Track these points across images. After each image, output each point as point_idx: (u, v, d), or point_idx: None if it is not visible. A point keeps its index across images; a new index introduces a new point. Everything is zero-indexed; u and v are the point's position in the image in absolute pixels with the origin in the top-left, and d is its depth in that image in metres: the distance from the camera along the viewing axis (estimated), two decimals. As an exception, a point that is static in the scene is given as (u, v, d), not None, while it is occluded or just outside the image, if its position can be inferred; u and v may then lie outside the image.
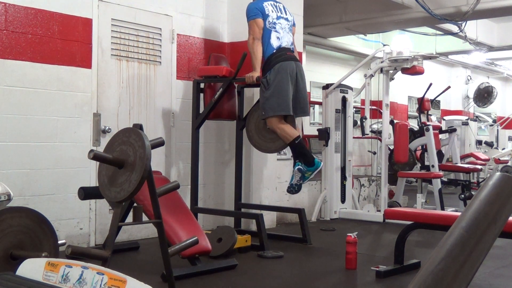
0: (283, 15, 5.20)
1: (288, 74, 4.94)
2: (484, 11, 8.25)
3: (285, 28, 5.15)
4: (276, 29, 5.08)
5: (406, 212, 4.46)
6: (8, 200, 3.56)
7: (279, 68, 4.93)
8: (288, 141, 4.95)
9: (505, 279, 4.20)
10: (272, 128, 5.01)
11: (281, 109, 4.94)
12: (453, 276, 1.24)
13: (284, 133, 4.95)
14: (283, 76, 4.93)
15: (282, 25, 5.14)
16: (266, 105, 4.98)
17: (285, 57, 4.99)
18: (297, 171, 4.95)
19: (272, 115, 4.96)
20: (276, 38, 5.06)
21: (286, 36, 5.13)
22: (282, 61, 4.96)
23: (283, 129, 4.96)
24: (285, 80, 4.93)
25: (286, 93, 4.93)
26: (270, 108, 4.96)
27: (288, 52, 5.05)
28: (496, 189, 1.40)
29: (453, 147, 9.11)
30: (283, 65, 4.95)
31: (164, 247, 3.09)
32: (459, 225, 1.34)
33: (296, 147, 4.97)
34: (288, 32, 5.17)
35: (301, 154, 4.98)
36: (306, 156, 4.97)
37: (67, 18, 4.89)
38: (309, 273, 4.25)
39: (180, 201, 4.35)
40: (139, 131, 2.94)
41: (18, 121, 4.59)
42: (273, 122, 4.97)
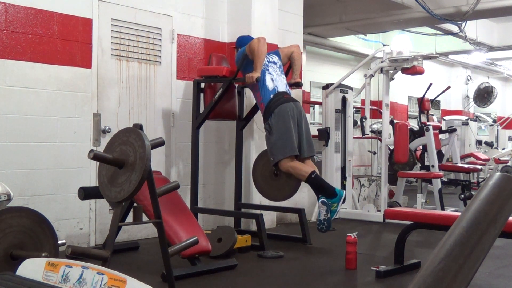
0: (272, 59, 5.22)
1: (289, 115, 4.93)
2: (484, 11, 8.25)
3: (276, 70, 5.17)
4: (269, 71, 5.10)
5: (406, 212, 4.46)
6: (8, 200, 3.56)
7: (279, 111, 4.92)
8: (304, 178, 4.88)
9: (505, 279, 4.20)
10: (285, 171, 4.95)
11: (289, 150, 4.90)
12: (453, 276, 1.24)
13: (298, 171, 4.90)
14: (284, 118, 4.92)
15: (274, 68, 5.16)
16: (273, 150, 4.96)
17: (283, 100, 4.98)
18: (321, 204, 4.83)
19: (281, 158, 4.92)
20: (270, 80, 5.07)
21: (279, 79, 5.13)
22: (281, 104, 4.94)
23: (296, 168, 4.91)
24: (287, 121, 4.92)
25: (290, 134, 4.92)
26: (278, 151, 4.93)
27: (285, 95, 5.05)
28: (496, 189, 1.40)
29: (453, 147, 9.11)
30: (282, 107, 4.93)
31: (164, 247, 3.09)
32: (459, 225, 1.34)
33: (313, 182, 4.90)
34: (279, 75, 5.17)
35: (320, 188, 4.90)
36: (325, 189, 4.88)
37: (67, 18, 4.89)
38: (309, 273, 4.25)
39: (180, 201, 4.35)
40: (139, 131, 2.94)
41: (18, 121, 4.59)
42: (284, 164, 4.92)
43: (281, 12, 6.43)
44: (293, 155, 4.92)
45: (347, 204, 7.10)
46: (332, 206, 4.81)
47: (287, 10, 6.67)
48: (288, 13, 6.68)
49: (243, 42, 5.31)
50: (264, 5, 6.10)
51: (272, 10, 6.19)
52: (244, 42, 5.25)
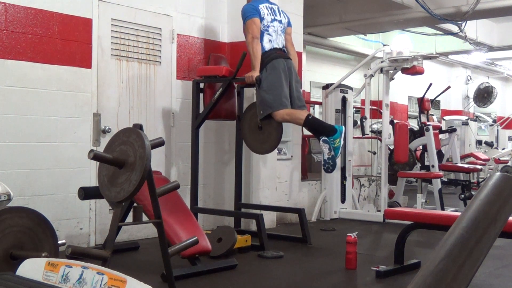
0: (277, 17, 5.24)
1: (280, 70, 5.00)
2: (484, 11, 8.26)
3: (277, 30, 5.20)
4: (269, 32, 5.13)
5: (406, 212, 4.46)
6: (8, 200, 3.56)
7: (271, 66, 4.99)
8: (302, 121, 4.93)
9: (505, 279, 4.20)
10: (281, 119, 5.00)
11: (278, 104, 4.95)
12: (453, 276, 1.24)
13: (294, 116, 4.96)
14: (275, 73, 4.99)
15: (275, 27, 5.19)
16: (262, 104, 5.01)
17: (275, 55, 5.05)
18: (323, 143, 4.84)
19: (270, 112, 4.98)
20: (268, 40, 5.11)
21: (278, 39, 5.19)
22: (272, 59, 5.01)
23: (291, 114, 4.97)
24: (278, 76, 4.98)
25: (281, 89, 4.97)
26: (267, 105, 4.98)
27: (277, 51, 5.10)
28: (496, 189, 1.40)
29: (453, 147, 9.11)
30: (274, 62, 5.01)
31: (164, 247, 3.09)
32: (459, 225, 1.34)
33: (311, 123, 4.96)
34: (280, 35, 5.22)
35: (319, 128, 4.95)
36: (324, 128, 4.93)
37: (67, 18, 4.89)
38: (309, 273, 4.25)
39: (180, 201, 4.35)
40: (139, 131, 2.94)
41: (18, 121, 4.59)
42: (279, 114, 4.97)
43: (281, 12, 6.42)
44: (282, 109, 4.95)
45: (347, 204, 7.11)
46: (334, 143, 4.82)
47: (287, 10, 6.63)
48: (288, 13, 6.64)
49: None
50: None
51: (272, 10, 6.18)
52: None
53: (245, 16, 5.13)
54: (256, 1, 5.20)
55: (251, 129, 5.35)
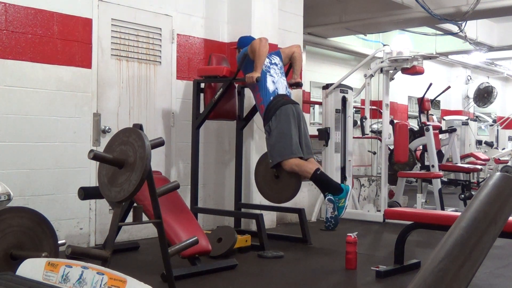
0: (273, 61, 5.23)
1: (290, 117, 4.94)
2: (484, 11, 8.25)
3: (277, 73, 5.17)
4: (270, 73, 5.10)
5: (406, 212, 4.46)
6: (8, 200, 3.56)
7: (280, 113, 4.93)
8: (309, 175, 4.87)
9: (505, 279, 4.20)
10: (290, 170, 4.94)
11: (289, 153, 4.90)
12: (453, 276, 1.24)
13: (302, 168, 4.89)
14: (285, 119, 4.93)
15: (275, 70, 5.17)
16: (273, 152, 4.97)
17: (283, 102, 4.99)
18: (328, 201, 4.83)
19: (280, 160, 4.92)
20: (271, 82, 5.07)
21: (280, 81, 5.14)
22: (281, 106, 4.95)
23: (300, 165, 4.90)
24: (288, 123, 4.92)
25: (290, 136, 4.91)
26: (277, 154, 4.94)
27: (285, 97, 5.05)
28: (496, 189, 1.40)
29: (453, 147, 9.11)
30: (283, 109, 4.94)
31: (164, 247, 3.09)
32: (459, 225, 1.34)
33: (318, 178, 4.90)
34: (281, 77, 5.18)
35: (326, 185, 4.90)
36: (331, 185, 4.89)
37: (67, 18, 4.89)
38: (309, 273, 4.25)
39: (180, 201, 4.35)
40: (139, 131, 2.94)
41: (18, 121, 4.59)
42: (288, 164, 4.91)
43: (281, 12, 6.43)
44: (293, 157, 4.91)
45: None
46: (339, 203, 4.81)
47: (287, 10, 6.67)
48: (288, 13, 6.68)
49: (244, 42, 5.31)
50: (264, 5, 6.09)
51: (272, 10, 6.19)
52: (245, 43, 5.25)
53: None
54: None
55: (267, 181, 5.33)
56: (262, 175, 5.39)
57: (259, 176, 5.42)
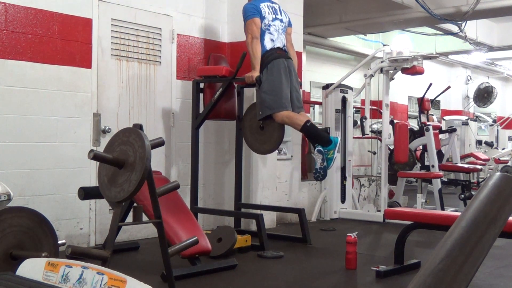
0: (279, 16, 5.24)
1: (281, 71, 4.99)
2: (484, 11, 8.26)
3: (279, 29, 5.20)
4: (270, 31, 5.12)
5: (406, 212, 4.46)
6: (8, 200, 3.56)
7: (271, 66, 4.98)
8: (299, 126, 4.93)
9: (505, 279, 4.20)
10: (280, 121, 5.00)
11: (278, 106, 4.95)
12: (453, 276, 1.24)
13: (293, 120, 4.96)
14: (277, 73, 4.98)
15: (277, 26, 5.18)
16: (263, 104, 5.01)
17: (275, 55, 5.04)
18: (317, 152, 4.89)
19: (269, 113, 4.97)
20: (270, 40, 5.10)
21: (280, 38, 5.19)
22: (273, 59, 5.00)
23: (291, 117, 4.96)
24: (279, 77, 4.97)
25: (281, 90, 4.96)
26: (266, 107, 4.98)
27: (278, 51, 5.09)
28: (496, 189, 1.40)
29: (453, 147, 9.11)
30: (275, 63, 5.00)
31: (164, 247, 3.09)
32: (459, 225, 1.34)
33: (308, 130, 4.95)
34: (281, 34, 5.22)
35: (315, 136, 4.96)
36: (321, 137, 4.94)
37: (67, 18, 4.89)
38: (309, 273, 4.25)
39: (180, 201, 4.35)
40: (139, 131, 2.94)
41: (18, 121, 4.59)
42: (279, 115, 4.96)
43: (281, 12, 6.41)
44: (282, 111, 4.94)
45: (347, 204, 7.10)
46: (328, 154, 4.88)
47: (287, 10, 6.62)
48: (288, 13, 6.65)
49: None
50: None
51: (272, 10, 6.18)
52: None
53: (245, 16, 5.12)
54: (257, 0, 5.19)
55: (252, 130, 5.35)
56: (248, 125, 5.40)
57: (246, 125, 5.43)
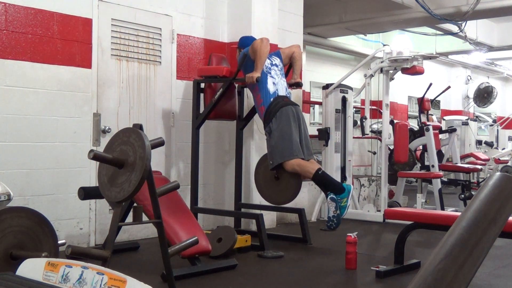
0: (274, 62, 5.22)
1: (290, 118, 4.94)
2: (484, 11, 8.25)
3: (278, 74, 5.16)
4: (271, 75, 5.09)
5: (406, 212, 4.46)
6: (8, 200, 3.56)
7: (280, 114, 4.92)
8: (311, 175, 4.85)
9: (505, 279, 4.20)
10: (291, 170, 4.93)
11: (290, 154, 4.89)
12: (453, 276, 1.24)
13: (304, 168, 4.88)
14: (285, 121, 4.92)
15: (276, 71, 5.16)
16: (274, 153, 4.95)
17: (283, 103, 4.98)
18: (330, 200, 4.81)
19: (280, 161, 4.91)
20: (272, 83, 5.06)
21: (280, 82, 5.13)
22: (281, 107, 4.94)
23: (302, 166, 4.89)
24: (288, 124, 4.92)
25: (291, 137, 4.90)
26: (278, 155, 4.92)
27: (285, 99, 5.05)
28: (496, 189, 1.40)
29: (453, 147, 9.11)
30: (283, 111, 4.93)
31: (164, 247, 3.09)
32: (459, 225, 1.34)
33: (320, 178, 4.89)
34: (281, 78, 5.18)
35: (328, 184, 4.89)
36: (333, 185, 4.88)
37: (67, 18, 4.89)
38: (309, 273, 4.25)
39: (180, 201, 4.35)
40: (139, 131, 2.94)
41: (18, 121, 4.59)
42: (289, 164, 4.90)
43: (281, 12, 6.42)
44: (294, 158, 4.90)
45: (347, 204, 7.10)
46: (341, 202, 4.79)
47: (287, 10, 6.67)
48: (288, 13, 6.68)
49: (245, 43, 5.30)
50: (264, 5, 6.09)
51: (272, 10, 6.19)
52: (246, 43, 5.24)
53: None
54: None
55: (267, 182, 5.32)
56: (262, 177, 5.38)
57: (259, 177, 5.42)
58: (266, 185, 5.34)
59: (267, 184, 5.33)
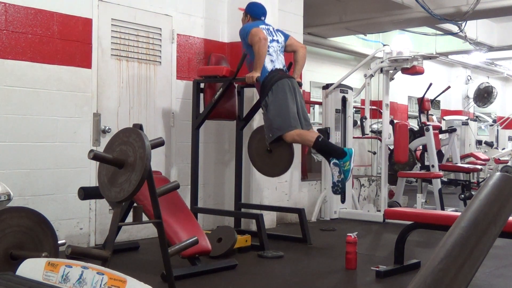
0: (275, 38, 5.23)
1: (286, 90, 4.96)
2: (484, 11, 8.26)
3: (277, 50, 5.18)
4: (269, 52, 5.10)
5: (406, 212, 4.46)
6: (8, 200, 3.56)
7: (276, 88, 4.95)
8: (311, 143, 4.90)
9: (505, 279, 4.20)
10: (291, 140, 4.97)
11: (287, 126, 4.92)
12: (453, 276, 1.24)
13: (304, 137, 4.93)
14: (282, 94, 4.95)
15: (274, 48, 5.17)
16: (272, 127, 4.97)
17: (278, 76, 5.01)
18: (333, 166, 4.83)
19: (279, 134, 4.94)
20: (270, 61, 5.08)
21: (279, 58, 5.17)
22: (277, 80, 4.97)
23: (301, 135, 4.93)
24: (284, 97, 4.94)
25: (288, 109, 4.93)
26: (276, 128, 4.94)
27: (280, 72, 5.07)
28: (496, 189, 1.40)
29: (453, 147, 9.11)
30: (279, 83, 4.96)
31: (164, 247, 3.09)
32: (459, 225, 1.34)
33: (321, 145, 4.93)
34: (280, 54, 5.20)
35: (329, 150, 4.93)
36: (334, 150, 4.92)
37: (67, 18, 4.89)
38: (309, 273, 4.25)
39: (180, 201, 4.35)
40: (139, 131, 2.94)
41: (18, 121, 4.59)
42: (289, 135, 4.93)
43: (281, 12, 6.42)
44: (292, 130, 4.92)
45: (347, 204, 7.10)
46: (344, 166, 4.82)
47: (287, 10, 6.67)
48: (288, 13, 6.68)
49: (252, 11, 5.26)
50: (264, 5, 6.08)
51: (272, 10, 6.17)
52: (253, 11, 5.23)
53: (245, 31, 5.11)
54: (253, 23, 5.19)
55: (260, 154, 5.33)
56: (255, 149, 5.39)
57: (252, 150, 5.42)
58: (259, 158, 5.36)
59: (260, 157, 5.34)
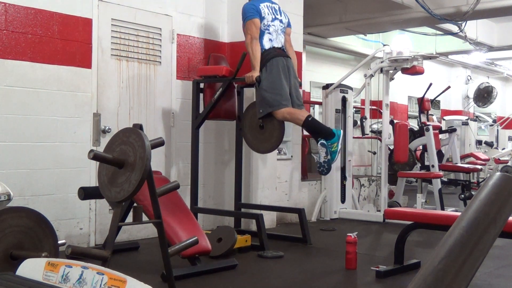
0: (278, 17, 5.25)
1: (280, 69, 5.02)
2: (484, 11, 8.26)
3: (278, 30, 5.21)
4: (269, 31, 5.14)
5: (406, 212, 4.46)
6: (8, 200, 3.56)
7: (270, 65, 5.01)
8: (301, 122, 4.95)
9: (505, 279, 4.20)
10: (282, 118, 5.02)
11: (278, 103, 4.97)
12: (453, 276, 1.24)
13: (294, 116, 4.97)
14: (275, 71, 5.00)
15: (276, 27, 5.20)
16: (263, 102, 5.02)
17: (274, 54, 5.07)
18: (321, 146, 4.87)
19: (269, 111, 4.99)
20: (268, 40, 5.13)
21: (278, 38, 5.21)
22: (272, 58, 5.03)
23: (291, 113, 4.98)
24: (278, 75, 5.00)
25: (281, 87, 4.98)
26: (267, 104, 5.00)
27: (277, 50, 5.12)
28: (496, 189, 1.40)
29: (453, 147, 9.11)
30: (273, 61, 5.02)
31: (164, 247, 3.09)
32: (459, 225, 1.34)
33: (310, 125, 4.97)
34: (280, 34, 5.24)
35: (317, 130, 4.97)
36: (323, 130, 4.95)
37: (67, 18, 4.89)
38: (309, 273, 4.25)
39: (180, 201, 4.35)
40: (139, 131, 2.94)
41: (18, 121, 4.59)
42: (279, 112, 4.98)
43: (281, 12, 6.42)
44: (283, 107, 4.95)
45: (347, 204, 7.10)
46: (332, 147, 4.85)
47: (287, 10, 6.63)
48: (288, 13, 6.63)
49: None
50: (264, 5, 6.08)
51: (272, 10, 6.18)
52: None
53: (245, 16, 5.13)
54: (257, 1, 5.20)
55: (252, 129, 5.35)
56: (248, 124, 5.41)
57: (245, 125, 5.43)
58: (250, 133, 5.38)
59: (251, 132, 5.36)
